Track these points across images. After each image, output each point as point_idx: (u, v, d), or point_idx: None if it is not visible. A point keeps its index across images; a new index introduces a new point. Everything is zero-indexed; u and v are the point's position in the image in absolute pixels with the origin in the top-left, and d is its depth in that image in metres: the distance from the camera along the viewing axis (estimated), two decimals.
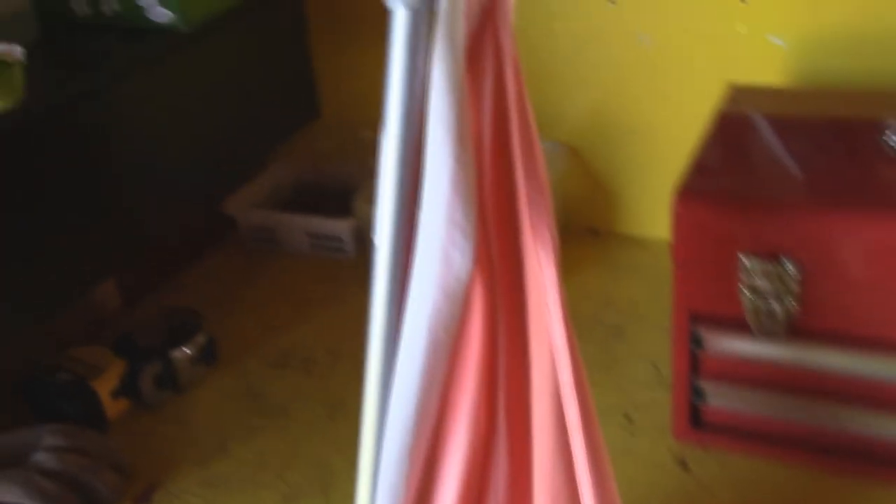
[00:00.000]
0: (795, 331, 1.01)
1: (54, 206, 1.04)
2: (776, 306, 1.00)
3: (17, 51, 0.91)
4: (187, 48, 1.15)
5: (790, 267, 0.97)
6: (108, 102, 1.10)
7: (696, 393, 1.09)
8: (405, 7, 0.74)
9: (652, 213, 1.55)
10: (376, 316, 0.77)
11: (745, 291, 1.00)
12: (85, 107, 1.06)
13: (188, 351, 1.32)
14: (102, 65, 1.10)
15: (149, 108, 1.15)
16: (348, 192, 1.70)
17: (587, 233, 1.62)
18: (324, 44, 1.58)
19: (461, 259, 0.75)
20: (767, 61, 1.35)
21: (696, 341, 1.05)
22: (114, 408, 1.27)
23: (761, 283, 0.99)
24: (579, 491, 0.77)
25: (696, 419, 1.11)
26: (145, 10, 1.10)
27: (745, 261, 0.99)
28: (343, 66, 1.61)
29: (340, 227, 1.59)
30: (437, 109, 0.75)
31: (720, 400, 1.09)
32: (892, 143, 1.03)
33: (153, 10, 1.10)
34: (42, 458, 1.12)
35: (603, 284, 1.49)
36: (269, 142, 1.41)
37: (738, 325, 1.02)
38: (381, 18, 0.75)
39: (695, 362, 1.08)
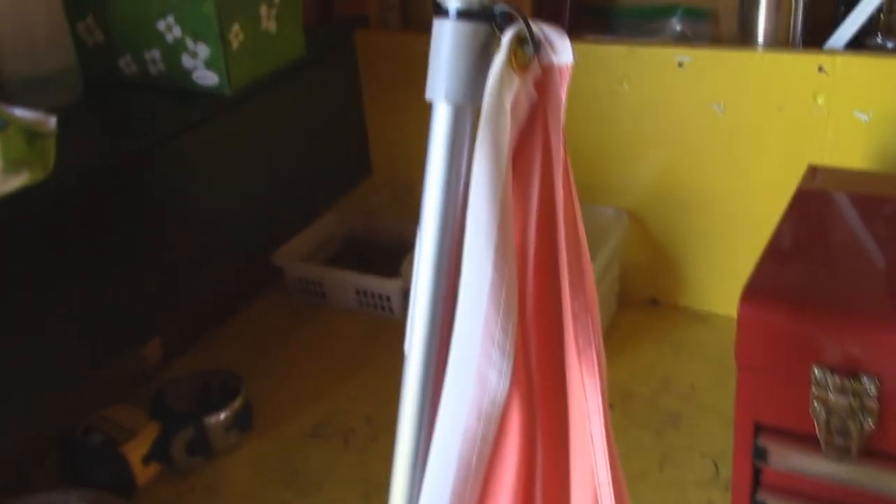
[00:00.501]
0: (870, 451, 0.91)
1: (102, 270, 1.01)
2: (850, 424, 0.90)
3: (51, 122, 0.87)
4: (234, 109, 1.11)
5: (868, 382, 0.88)
6: (155, 163, 1.06)
7: None
8: (446, 101, 0.68)
9: (717, 288, 1.47)
10: (402, 437, 0.71)
11: (816, 405, 0.91)
12: (133, 167, 1.03)
13: (223, 416, 1.28)
14: (149, 126, 1.07)
15: (197, 169, 1.11)
16: (399, 248, 1.64)
17: (647, 303, 1.54)
18: (375, 97, 1.53)
19: (498, 379, 0.69)
20: (848, 136, 1.25)
21: (760, 454, 0.96)
22: (144, 474, 1.23)
23: (835, 397, 0.90)
24: None
25: None
26: (191, 72, 1.06)
27: (818, 372, 0.90)
28: (395, 121, 1.56)
29: (389, 287, 1.54)
30: (477, 215, 0.69)
31: None
32: None
33: (199, 72, 1.06)
34: None
35: (661, 363, 1.40)
36: (321, 201, 1.36)
37: (806, 441, 0.93)
38: None
39: (757, 475, 0.99)
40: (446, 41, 0.68)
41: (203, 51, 1.04)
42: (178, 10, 1.03)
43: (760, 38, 1.32)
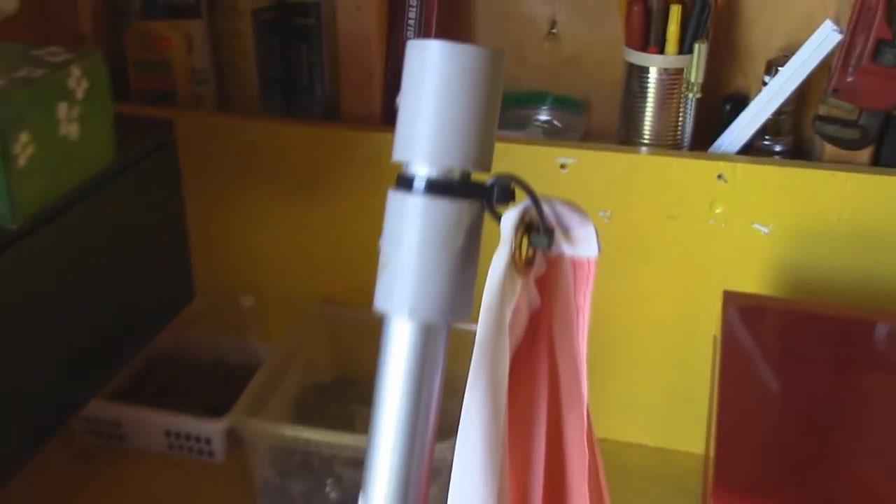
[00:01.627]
0: None
1: None
2: None
3: None
4: (20, 243, 0.80)
5: None
6: None
7: None
8: (411, 319, 0.45)
9: (607, 414, 1.31)
10: None
11: None
12: None
13: None
14: None
15: None
16: (216, 372, 1.36)
17: None
18: (187, 191, 1.25)
19: None
20: (747, 249, 1.14)
21: None
22: None
23: None
24: None
25: None
26: None
27: None
28: (210, 217, 1.28)
29: (211, 429, 1.24)
30: (465, 480, 0.47)
31: None
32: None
33: None
34: None
35: None
36: (137, 339, 1.05)
37: None
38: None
39: None
40: (411, 227, 0.45)
41: None
42: None
43: (646, 136, 1.18)
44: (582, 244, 0.47)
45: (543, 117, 1.29)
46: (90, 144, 0.84)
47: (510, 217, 0.45)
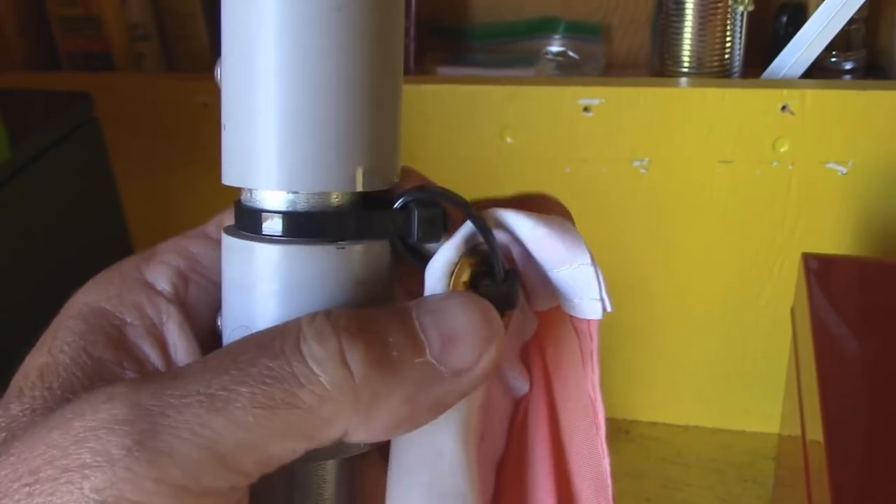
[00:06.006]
0: None
1: None
2: None
3: None
4: None
5: None
6: None
7: None
8: None
9: (640, 392, 1.11)
10: None
11: None
12: None
13: None
14: None
15: None
16: None
17: None
18: (126, 167, 1.04)
19: None
20: (820, 195, 0.93)
21: None
22: None
23: None
24: None
25: None
26: None
27: None
28: (152, 198, 1.08)
29: None
30: None
31: None
32: None
33: None
34: None
35: None
36: None
37: None
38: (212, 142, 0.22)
39: None
40: (265, 301, 0.22)
41: None
42: None
43: (686, 63, 0.96)
44: (574, 296, 0.26)
45: (556, 48, 1.07)
46: None
47: (439, 262, 0.24)
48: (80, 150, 0.76)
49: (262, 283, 0.23)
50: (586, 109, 0.93)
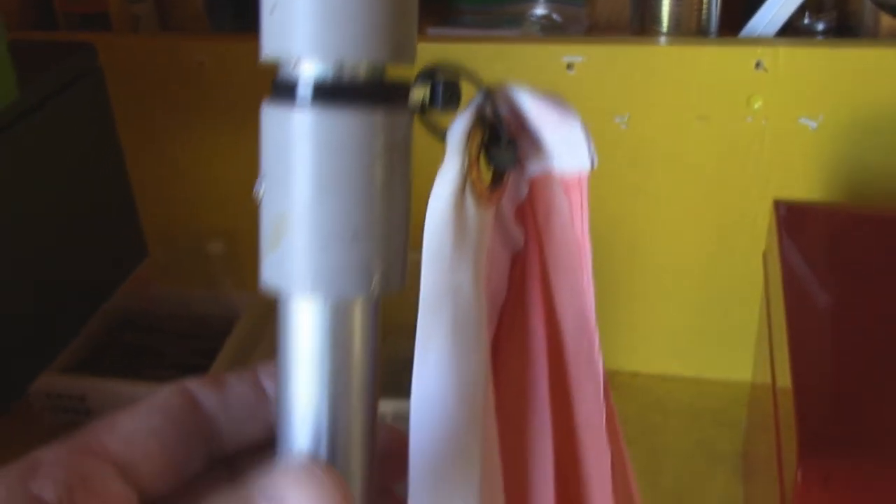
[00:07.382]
0: None
1: None
2: None
3: None
4: None
5: None
6: None
7: None
8: (315, 295, 0.26)
9: (620, 341, 1.16)
10: None
11: None
12: None
13: None
14: None
15: None
16: (191, 324, 1.21)
17: None
18: (126, 127, 1.07)
19: None
20: (791, 149, 0.97)
21: None
22: None
23: None
24: None
25: None
26: None
27: None
28: (155, 157, 1.11)
29: None
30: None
31: None
32: None
33: None
34: None
35: None
36: (85, 304, 0.89)
37: None
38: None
39: None
40: (301, 159, 0.27)
41: None
42: None
43: (665, 24, 0.99)
44: (566, 154, 0.31)
45: (540, 11, 1.10)
46: None
47: (459, 126, 0.28)
48: (85, 97, 0.79)
49: (299, 146, 0.26)
50: (569, 67, 0.97)
